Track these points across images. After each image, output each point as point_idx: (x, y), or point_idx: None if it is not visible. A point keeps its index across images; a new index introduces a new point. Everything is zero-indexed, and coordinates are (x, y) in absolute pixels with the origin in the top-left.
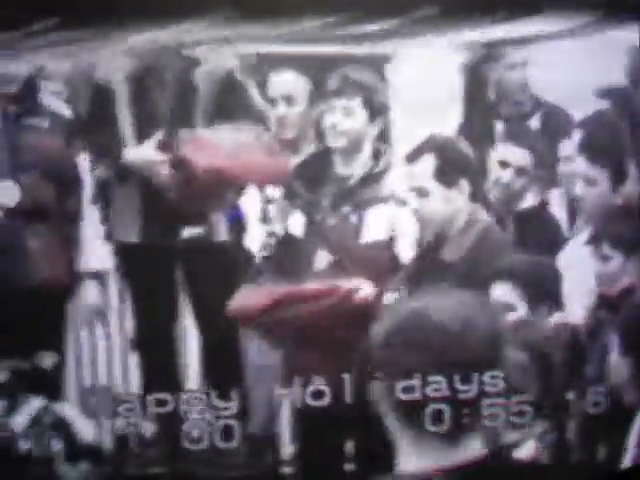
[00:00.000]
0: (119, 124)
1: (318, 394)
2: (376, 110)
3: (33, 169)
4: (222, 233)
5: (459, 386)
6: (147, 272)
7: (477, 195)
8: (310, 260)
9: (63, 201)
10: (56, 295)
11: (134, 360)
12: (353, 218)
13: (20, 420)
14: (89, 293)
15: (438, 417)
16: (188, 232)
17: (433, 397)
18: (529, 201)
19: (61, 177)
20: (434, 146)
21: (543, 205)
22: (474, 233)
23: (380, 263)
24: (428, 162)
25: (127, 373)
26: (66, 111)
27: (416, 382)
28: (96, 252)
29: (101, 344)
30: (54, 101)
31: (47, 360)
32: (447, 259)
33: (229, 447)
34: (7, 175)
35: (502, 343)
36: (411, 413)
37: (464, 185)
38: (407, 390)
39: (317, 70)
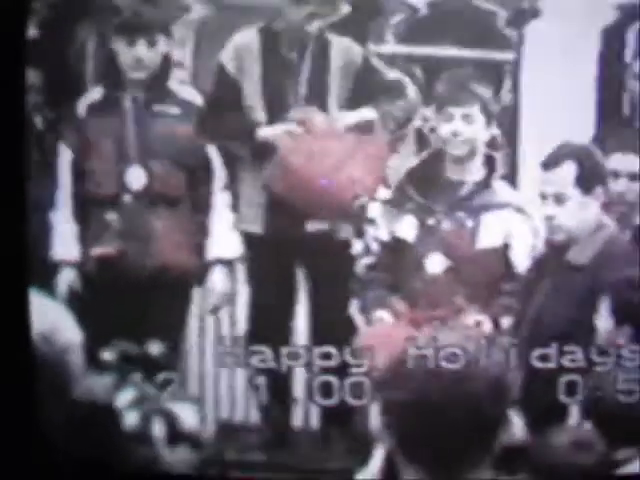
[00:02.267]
0: (249, 104)
1: None
2: (492, 116)
3: (162, 155)
4: (346, 231)
5: None
6: (268, 264)
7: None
8: (422, 264)
9: (193, 188)
10: (180, 280)
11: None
12: (468, 223)
13: (124, 400)
14: (217, 280)
15: None
16: (312, 227)
17: None
18: None
19: (191, 165)
20: (573, 153)
21: None
22: (601, 239)
23: (495, 269)
24: (568, 169)
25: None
26: (197, 99)
27: None
28: (225, 240)
29: (226, 331)
30: (185, 88)
31: (156, 347)
32: (573, 262)
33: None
34: (136, 160)
35: None
36: None
37: (599, 192)
38: None
39: (429, 74)
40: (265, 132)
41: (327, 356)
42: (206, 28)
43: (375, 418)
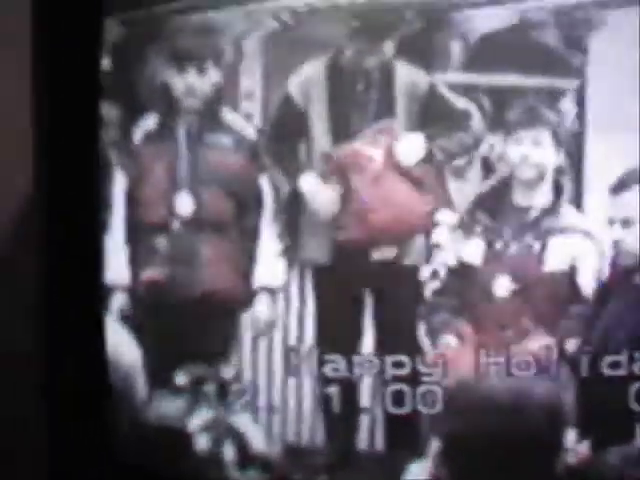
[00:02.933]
0: (315, 135)
1: None
2: (561, 141)
3: (212, 184)
4: (414, 255)
5: None
6: (334, 294)
7: None
8: (489, 288)
9: (242, 217)
10: (229, 306)
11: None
12: (536, 247)
13: (196, 422)
14: (263, 307)
15: None
16: (379, 254)
17: None
18: None
19: (241, 194)
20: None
21: None
22: None
23: (562, 293)
24: (634, 193)
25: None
26: (250, 131)
27: None
28: (272, 269)
29: (277, 358)
30: (239, 121)
31: (227, 370)
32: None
33: None
34: (186, 187)
35: None
36: None
37: None
38: None
39: (496, 102)
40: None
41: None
42: (273, 61)
43: (434, 451)
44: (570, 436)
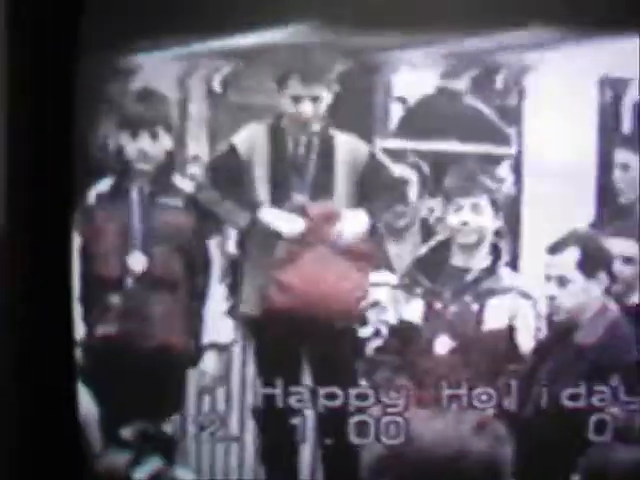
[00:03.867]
0: (253, 186)
1: None
2: (498, 207)
3: (164, 243)
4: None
5: None
6: (273, 345)
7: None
8: (429, 346)
9: (191, 276)
10: (177, 361)
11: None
12: (474, 307)
13: (141, 476)
14: (210, 363)
15: None
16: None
17: None
18: None
19: (191, 254)
20: (578, 239)
21: None
22: (605, 322)
23: (500, 351)
24: (572, 254)
25: (244, 446)
26: (200, 194)
27: None
28: (219, 326)
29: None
30: (189, 184)
31: (169, 425)
32: (581, 343)
33: None
34: (139, 246)
35: None
36: None
37: (603, 278)
38: None
39: (435, 167)
40: (268, 216)
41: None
42: (217, 125)
43: None
44: None
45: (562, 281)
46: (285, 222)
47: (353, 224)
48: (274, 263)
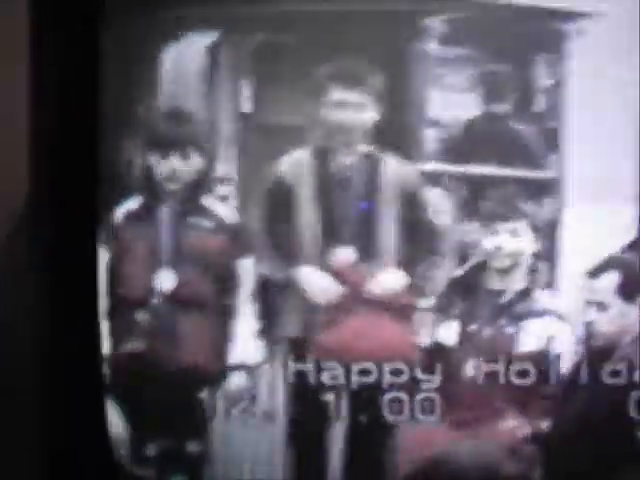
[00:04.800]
0: (299, 228)
1: None
2: (538, 231)
3: (193, 263)
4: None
5: None
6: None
7: None
8: (463, 369)
9: (220, 295)
10: (203, 380)
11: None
12: (509, 329)
13: None
14: (237, 384)
15: None
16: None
17: None
18: None
19: (220, 274)
20: (618, 264)
21: None
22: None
23: (535, 374)
24: (611, 278)
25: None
26: (231, 216)
27: None
28: (247, 346)
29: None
30: (219, 205)
31: (193, 446)
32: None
33: None
34: (168, 264)
35: None
36: None
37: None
38: None
39: (474, 191)
40: (304, 278)
41: None
42: (248, 148)
43: None
44: None
45: (602, 306)
46: (320, 290)
47: (390, 283)
48: (313, 327)
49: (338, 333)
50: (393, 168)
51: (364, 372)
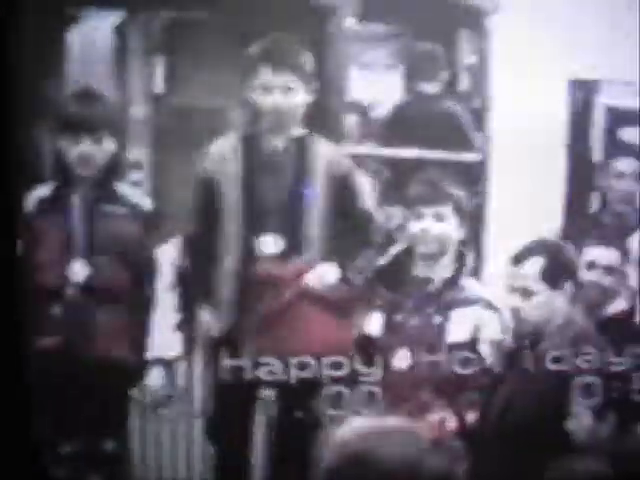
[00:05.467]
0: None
1: None
2: (464, 216)
3: (107, 252)
4: None
5: None
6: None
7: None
8: (388, 360)
9: (136, 286)
10: (120, 375)
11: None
12: (436, 319)
13: None
14: (155, 379)
15: None
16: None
17: None
18: (619, 305)
19: (136, 263)
20: (542, 249)
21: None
22: (571, 334)
23: (463, 365)
24: (535, 264)
25: (190, 461)
26: (146, 202)
27: None
28: (166, 339)
29: (165, 429)
30: (133, 191)
31: (109, 444)
32: (542, 355)
33: None
34: (80, 255)
35: None
36: None
37: (568, 288)
38: None
39: (398, 174)
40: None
41: None
42: (162, 132)
43: None
44: None
45: (526, 293)
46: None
47: (324, 277)
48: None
49: (276, 329)
50: (323, 152)
51: (303, 366)
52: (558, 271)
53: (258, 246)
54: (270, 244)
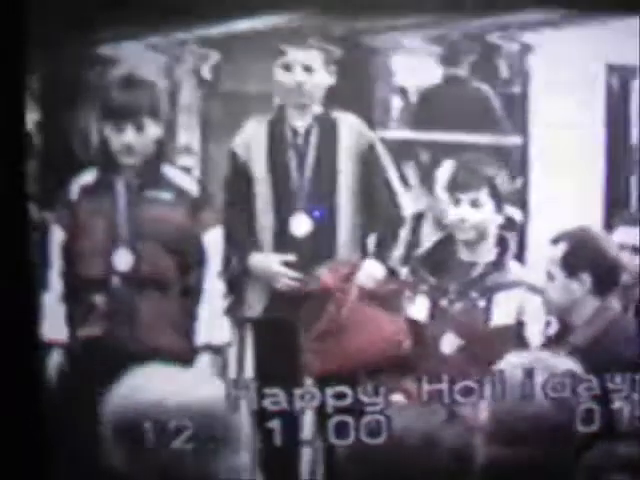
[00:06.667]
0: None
1: None
2: (503, 199)
3: (153, 239)
4: None
5: None
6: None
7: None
8: (435, 345)
9: (184, 273)
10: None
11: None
12: (481, 303)
13: None
14: (205, 366)
15: None
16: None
17: None
18: None
19: (183, 250)
20: (571, 236)
21: None
22: (602, 322)
23: (508, 347)
24: (558, 249)
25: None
26: (193, 187)
27: None
28: (214, 326)
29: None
30: (180, 176)
31: None
32: (573, 343)
33: None
34: (125, 243)
35: None
36: None
37: (585, 279)
38: None
39: (435, 159)
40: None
41: None
42: (211, 116)
43: None
44: None
45: (549, 276)
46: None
47: (373, 273)
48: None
49: (339, 336)
50: (347, 127)
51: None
52: (579, 260)
53: (289, 227)
54: (301, 224)
